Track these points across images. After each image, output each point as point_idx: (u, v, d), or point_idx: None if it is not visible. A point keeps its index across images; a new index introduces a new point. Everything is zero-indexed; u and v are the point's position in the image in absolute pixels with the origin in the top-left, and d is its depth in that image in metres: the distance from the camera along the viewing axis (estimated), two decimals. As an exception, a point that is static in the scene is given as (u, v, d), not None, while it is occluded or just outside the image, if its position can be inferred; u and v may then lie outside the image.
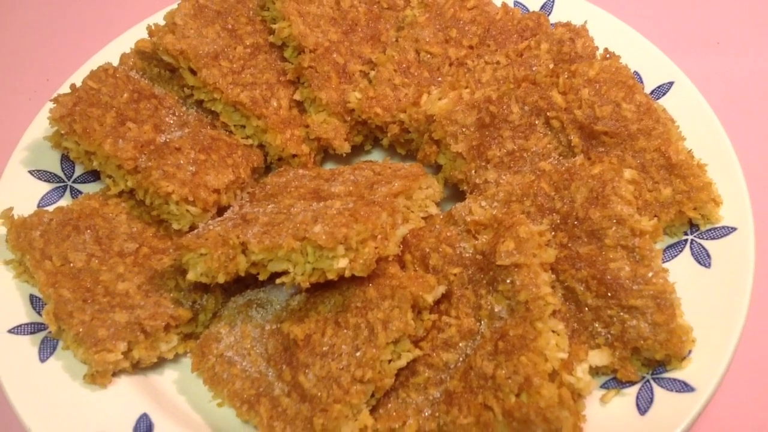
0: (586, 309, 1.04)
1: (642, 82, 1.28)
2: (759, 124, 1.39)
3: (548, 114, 1.18)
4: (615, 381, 1.03)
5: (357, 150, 1.32)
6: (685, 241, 1.13)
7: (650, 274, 1.03)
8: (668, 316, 1.01)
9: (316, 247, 1.00)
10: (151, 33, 1.26)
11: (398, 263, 1.07)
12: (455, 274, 1.06)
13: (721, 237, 1.12)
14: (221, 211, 1.18)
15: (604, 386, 1.03)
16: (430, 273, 1.06)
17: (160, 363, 1.11)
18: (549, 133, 1.18)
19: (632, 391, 1.01)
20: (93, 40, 1.48)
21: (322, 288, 1.05)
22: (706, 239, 1.12)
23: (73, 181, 1.25)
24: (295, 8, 1.28)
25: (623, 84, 1.18)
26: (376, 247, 1.01)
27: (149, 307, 1.08)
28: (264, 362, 1.05)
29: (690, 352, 1.02)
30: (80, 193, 1.24)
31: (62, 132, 1.20)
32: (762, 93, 1.45)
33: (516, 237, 1.03)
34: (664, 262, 1.10)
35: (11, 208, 1.16)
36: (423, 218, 1.13)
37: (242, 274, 1.04)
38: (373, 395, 1.00)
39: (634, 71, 1.25)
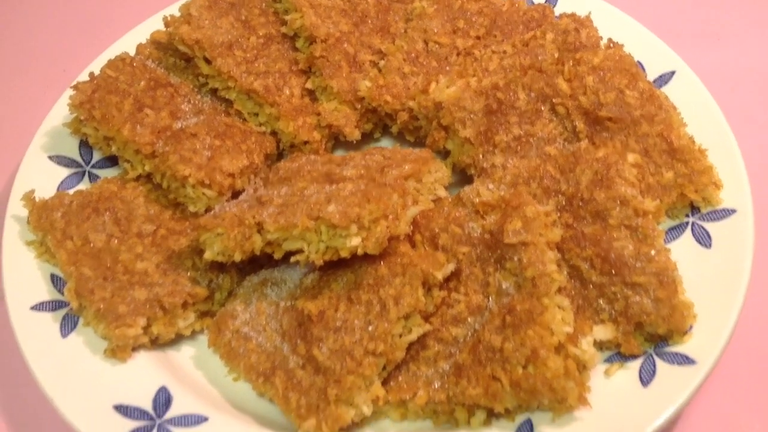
0: (591, 286, 1.07)
1: (644, 71, 1.30)
2: (758, 115, 1.42)
3: (554, 100, 1.21)
4: (618, 356, 1.06)
5: (367, 138, 1.35)
6: (687, 223, 1.16)
7: (653, 252, 1.06)
8: (670, 293, 1.04)
9: (330, 226, 1.03)
10: (167, 24, 1.29)
11: (409, 243, 1.10)
12: (464, 253, 1.09)
13: (722, 219, 1.15)
14: (236, 195, 1.22)
15: (607, 361, 1.06)
16: (440, 252, 1.09)
17: (178, 340, 1.14)
18: (554, 119, 1.21)
19: (635, 364, 1.05)
20: (108, 32, 1.52)
21: (334, 266, 1.08)
22: (707, 221, 1.16)
23: (92, 167, 1.29)
24: (307, 0, 1.32)
25: (626, 71, 1.22)
26: (387, 226, 1.04)
27: (167, 285, 1.11)
28: (279, 337, 1.08)
29: (691, 327, 1.05)
30: (98, 178, 1.27)
31: (81, 118, 1.24)
32: (762, 85, 1.48)
33: (523, 216, 1.06)
34: (666, 244, 1.13)
35: (33, 191, 1.19)
36: (432, 201, 1.16)
37: (258, 253, 1.08)
38: (384, 368, 1.03)
39: (637, 61, 1.28)
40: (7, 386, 1.18)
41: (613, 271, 1.06)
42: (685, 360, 1.03)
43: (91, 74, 1.27)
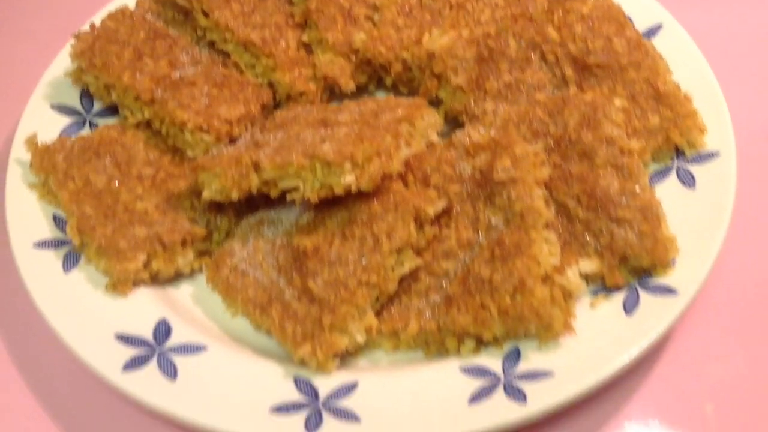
0: (577, 222, 1.11)
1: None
2: (743, 66, 1.45)
3: (543, 48, 1.25)
4: (603, 289, 1.09)
5: (361, 91, 1.38)
6: (672, 166, 1.19)
7: (637, 189, 1.10)
8: (654, 227, 1.08)
9: (325, 164, 1.06)
10: (166, -23, 1.32)
11: (402, 183, 1.13)
12: (455, 192, 1.12)
13: (705, 161, 1.18)
14: (233, 142, 1.25)
15: (593, 295, 1.09)
16: (432, 189, 1.12)
17: (177, 279, 1.17)
18: (544, 66, 1.25)
19: (619, 296, 1.08)
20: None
21: (329, 206, 1.11)
22: (691, 163, 1.19)
23: (93, 116, 1.32)
24: (302, -46, 1.35)
25: (615, 20, 1.25)
26: (380, 165, 1.08)
27: (167, 224, 1.15)
28: (275, 272, 1.11)
29: (674, 262, 1.08)
30: (98, 126, 1.30)
31: (83, 67, 1.27)
32: (750, 40, 1.50)
33: (512, 155, 1.09)
34: (652, 186, 1.16)
35: (35, 134, 1.22)
36: (425, 146, 1.19)
37: (254, 191, 1.11)
38: (378, 300, 1.07)
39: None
40: (11, 326, 1.20)
41: (599, 207, 1.10)
42: (668, 291, 1.06)
43: (92, 25, 1.30)
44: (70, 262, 1.13)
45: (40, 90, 1.31)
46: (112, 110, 1.32)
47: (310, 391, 1.02)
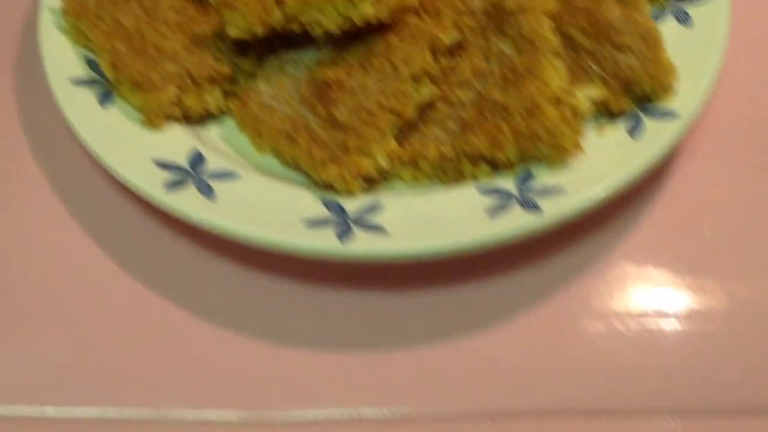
0: (583, 52, 1.12)
1: None
2: None
3: None
4: (609, 117, 1.10)
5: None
6: (667, 7, 1.20)
7: (639, 17, 1.11)
8: (655, 51, 1.09)
9: (345, -5, 1.06)
10: None
11: (416, 17, 1.13)
12: (468, 26, 1.12)
13: (701, 2, 1.18)
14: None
15: (598, 123, 1.10)
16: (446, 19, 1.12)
17: (205, 120, 1.17)
18: None
19: (623, 123, 1.09)
20: None
21: (348, 42, 1.12)
22: (687, 3, 1.19)
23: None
24: None
25: None
26: (397, -4, 1.08)
27: (194, 62, 1.15)
28: (300, 105, 1.12)
29: (673, 87, 1.10)
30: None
31: None
32: None
33: (522, -14, 1.10)
34: (650, 21, 1.17)
35: (66, -20, 1.21)
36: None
37: (278, 27, 1.10)
38: (397, 128, 1.08)
39: None
40: (50, 158, 1.21)
41: (603, 36, 1.10)
42: (670, 114, 1.08)
43: None
44: (105, 99, 1.13)
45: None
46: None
47: (339, 209, 1.03)
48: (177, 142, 1.11)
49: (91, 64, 1.18)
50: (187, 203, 1.03)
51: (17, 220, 1.16)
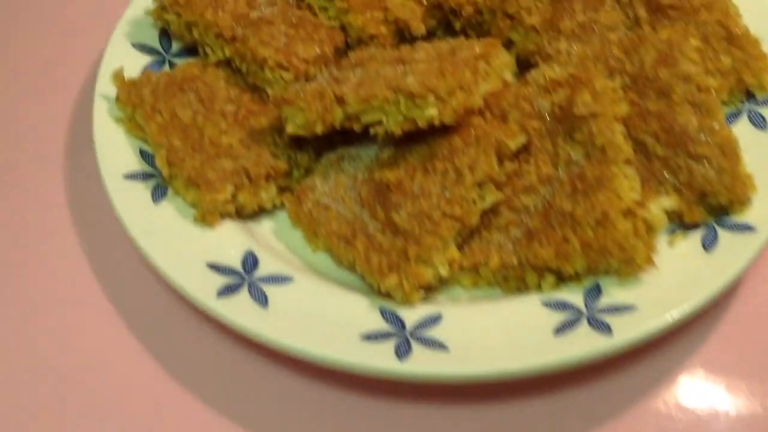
0: (656, 160, 1.07)
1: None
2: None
3: (617, -11, 1.20)
4: (681, 227, 1.05)
5: (430, 36, 1.33)
6: (742, 109, 1.15)
7: (716, 125, 1.05)
8: (733, 162, 1.04)
9: (409, 96, 1.02)
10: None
11: (481, 119, 1.08)
12: (534, 128, 1.08)
13: (777, 103, 1.14)
14: (309, 80, 1.20)
15: (671, 233, 1.05)
16: (512, 123, 1.08)
17: (258, 215, 1.14)
18: (617, 6, 1.20)
19: (697, 234, 1.04)
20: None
21: (409, 141, 1.07)
22: (762, 106, 1.14)
23: (172, 56, 1.28)
24: None
25: (686, -39, 1.20)
26: (463, 98, 1.03)
27: (251, 158, 1.11)
28: (358, 206, 1.07)
29: (750, 200, 1.04)
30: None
31: (164, 4, 1.23)
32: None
33: (592, 89, 1.05)
34: (726, 126, 1.11)
35: (122, 68, 1.19)
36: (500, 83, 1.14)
37: (338, 126, 1.07)
38: (460, 234, 1.03)
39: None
40: (99, 255, 1.18)
41: (677, 144, 1.05)
42: (746, 228, 1.02)
43: (173, -35, 1.26)
44: (158, 194, 1.10)
45: (120, 28, 1.27)
46: (190, 51, 1.28)
47: (397, 322, 0.99)
48: (231, 242, 1.07)
49: (145, 156, 1.15)
50: (241, 313, 0.98)
51: (60, 316, 1.13)
